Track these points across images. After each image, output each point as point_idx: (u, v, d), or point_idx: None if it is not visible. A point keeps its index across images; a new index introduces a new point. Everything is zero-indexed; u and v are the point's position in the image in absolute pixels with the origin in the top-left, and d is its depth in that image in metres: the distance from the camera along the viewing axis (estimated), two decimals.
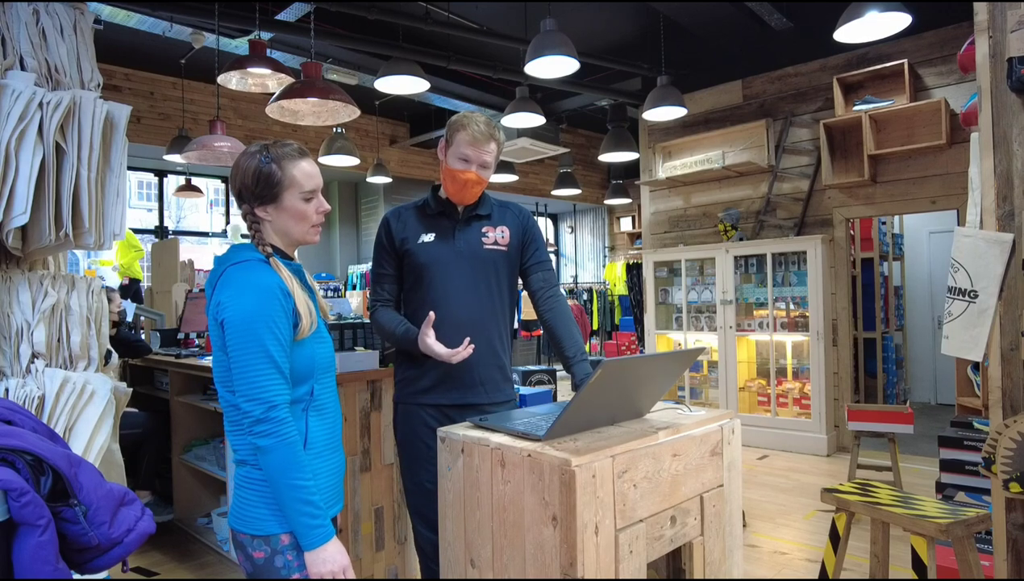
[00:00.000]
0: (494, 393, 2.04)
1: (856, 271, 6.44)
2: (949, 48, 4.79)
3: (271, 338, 1.34)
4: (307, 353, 1.43)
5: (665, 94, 4.79)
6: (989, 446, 1.61)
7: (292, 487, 1.33)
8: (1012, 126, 1.65)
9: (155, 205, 8.05)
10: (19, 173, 1.96)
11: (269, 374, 1.33)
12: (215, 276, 1.44)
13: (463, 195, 2.01)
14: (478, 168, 1.98)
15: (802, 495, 4.19)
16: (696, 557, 1.66)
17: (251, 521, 1.38)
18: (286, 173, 1.44)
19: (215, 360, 1.43)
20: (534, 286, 2.09)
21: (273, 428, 1.32)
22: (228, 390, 1.40)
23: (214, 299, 1.41)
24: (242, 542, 1.40)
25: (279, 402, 1.34)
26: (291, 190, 1.45)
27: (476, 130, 1.98)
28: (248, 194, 1.45)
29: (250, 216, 1.47)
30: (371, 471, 2.53)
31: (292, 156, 1.46)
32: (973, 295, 1.67)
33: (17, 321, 2.08)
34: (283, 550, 1.37)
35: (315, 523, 1.34)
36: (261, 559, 1.38)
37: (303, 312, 1.42)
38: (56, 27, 2.19)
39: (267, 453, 1.32)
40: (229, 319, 1.35)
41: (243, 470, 1.41)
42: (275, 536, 1.37)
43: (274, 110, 3.56)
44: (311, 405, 1.46)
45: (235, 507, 1.42)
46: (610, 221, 11.14)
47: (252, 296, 1.35)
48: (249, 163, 1.44)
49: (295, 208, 1.47)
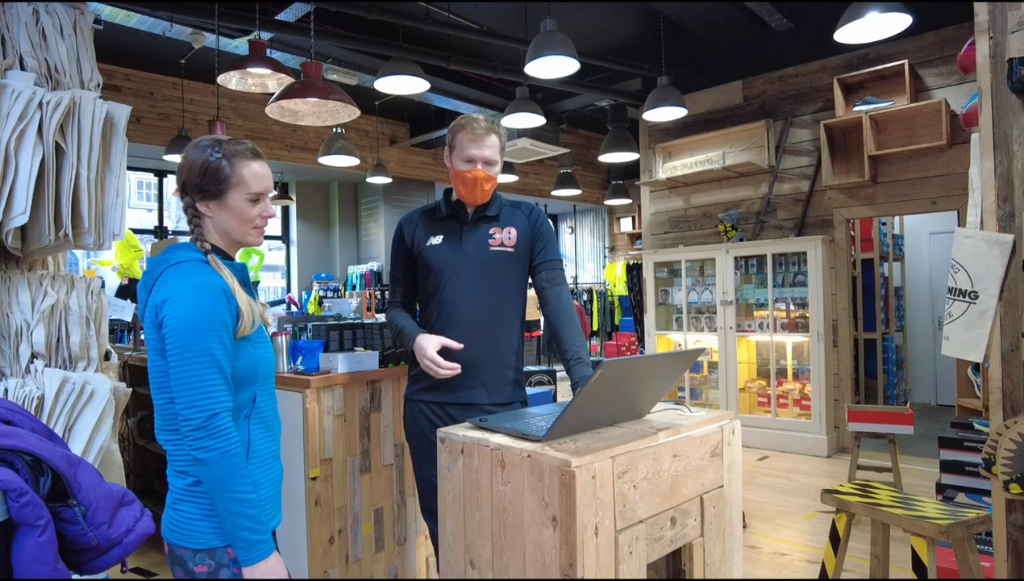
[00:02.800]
0: (496, 394, 2.04)
1: (856, 272, 6.44)
2: (949, 49, 4.79)
3: (215, 342, 1.30)
4: (249, 355, 1.39)
5: (665, 94, 4.79)
6: (989, 447, 1.61)
7: (234, 500, 1.28)
8: (1012, 127, 1.65)
9: (155, 205, 8.05)
10: (19, 173, 1.96)
11: (211, 380, 1.28)
12: (151, 278, 1.38)
13: (474, 195, 2.03)
14: (483, 165, 2.01)
15: (802, 496, 4.18)
16: (696, 558, 1.66)
17: (193, 535, 1.33)
18: (235, 171, 1.40)
19: (151, 364, 1.37)
20: (539, 285, 2.09)
21: (214, 438, 1.27)
22: (165, 397, 1.36)
23: (151, 301, 1.35)
24: (181, 557, 1.34)
25: (220, 410, 1.28)
26: (237, 189, 1.40)
27: (475, 127, 2.01)
28: (192, 187, 1.40)
29: (191, 209, 1.42)
30: (371, 472, 2.53)
31: (244, 155, 1.42)
32: (973, 296, 1.67)
33: (16, 321, 2.08)
34: (229, 563, 1.33)
35: (256, 538, 1.30)
36: (204, 573, 1.33)
37: (244, 310, 1.37)
38: (56, 27, 2.19)
39: (207, 465, 1.26)
40: (170, 322, 1.29)
41: (183, 481, 1.36)
42: (220, 549, 1.33)
43: (274, 110, 3.56)
44: (253, 413, 1.41)
45: (173, 521, 1.36)
46: (610, 221, 11.14)
47: (194, 299, 1.30)
48: (198, 156, 1.39)
49: (239, 208, 1.42)
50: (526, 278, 2.12)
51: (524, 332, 2.16)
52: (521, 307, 2.12)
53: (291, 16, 4.80)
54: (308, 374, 2.40)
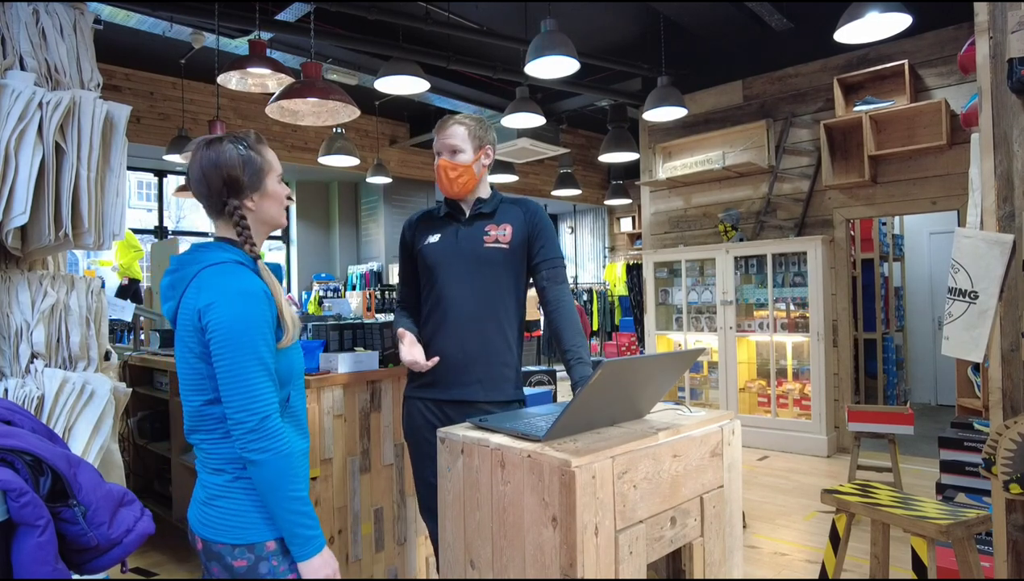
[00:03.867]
0: (492, 392, 2.03)
1: (856, 272, 6.44)
2: (949, 49, 4.79)
3: (262, 344, 1.31)
4: (285, 357, 1.40)
5: (665, 94, 4.79)
6: (989, 447, 1.60)
7: (288, 498, 1.30)
8: (1012, 127, 1.65)
9: (155, 205, 8.05)
10: (19, 173, 1.96)
11: (262, 383, 1.30)
12: (182, 277, 1.38)
13: (445, 186, 2.07)
14: (448, 154, 2.04)
15: (802, 496, 4.18)
16: (696, 558, 1.66)
17: (232, 530, 1.34)
18: (264, 157, 1.43)
19: (186, 366, 1.37)
20: (540, 283, 2.08)
21: (268, 439, 1.28)
22: (202, 398, 1.36)
23: (190, 303, 1.34)
24: (219, 552, 1.35)
25: (271, 411, 1.30)
26: (271, 174, 1.44)
27: (443, 120, 2.08)
28: (237, 187, 1.39)
29: (238, 212, 1.41)
30: (371, 472, 2.53)
31: (259, 140, 1.44)
32: (973, 296, 1.67)
33: (16, 321, 2.08)
34: (268, 556, 1.34)
35: (310, 533, 1.33)
36: (243, 567, 1.34)
37: (287, 321, 1.38)
38: (56, 27, 2.19)
39: (262, 466, 1.28)
40: (218, 326, 1.29)
41: (220, 478, 1.37)
42: (260, 544, 1.34)
43: (274, 110, 3.56)
44: (287, 412, 1.42)
45: (209, 517, 1.37)
46: (610, 221, 11.14)
47: (242, 302, 1.31)
48: (227, 156, 1.38)
49: (275, 191, 1.45)
50: (523, 276, 2.11)
51: (523, 330, 2.15)
52: (518, 305, 2.10)
53: (291, 16, 4.80)
54: (308, 374, 2.40)
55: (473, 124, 2.06)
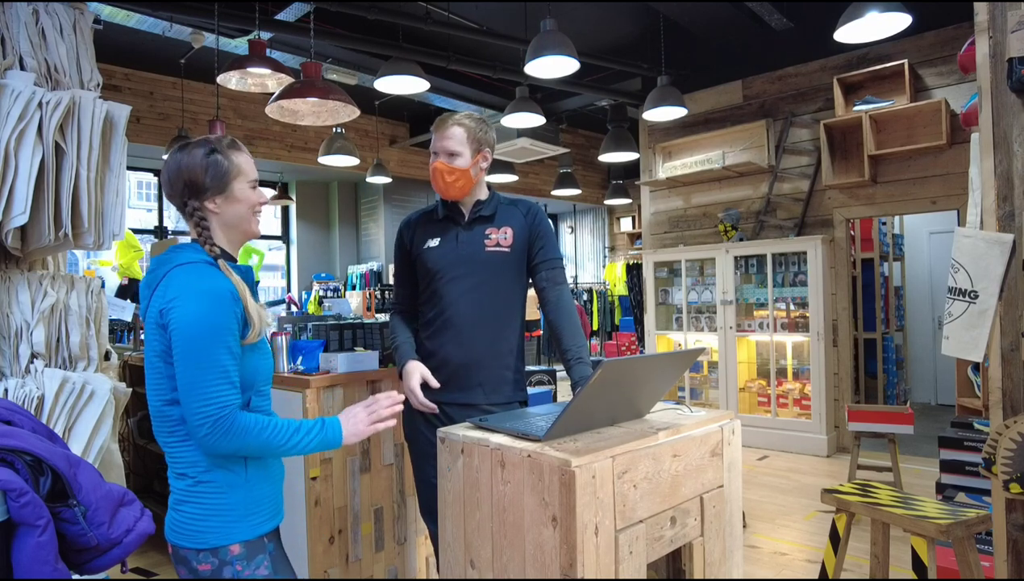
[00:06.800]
0: (493, 395, 2.04)
1: (856, 271, 6.44)
2: (949, 48, 4.79)
3: (224, 349, 1.30)
4: (249, 363, 1.39)
5: (665, 94, 4.79)
6: (989, 447, 1.61)
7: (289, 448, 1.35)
8: (1012, 126, 1.65)
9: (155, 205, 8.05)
10: (18, 173, 1.96)
11: (221, 386, 1.29)
12: (155, 278, 1.38)
13: (441, 188, 2.03)
14: (445, 157, 2.00)
15: (802, 496, 4.18)
16: (696, 558, 1.66)
17: (195, 535, 1.35)
18: (232, 161, 1.43)
19: (149, 366, 1.37)
20: (539, 284, 2.07)
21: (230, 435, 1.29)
22: (161, 399, 1.36)
23: (156, 302, 1.34)
24: (185, 556, 1.36)
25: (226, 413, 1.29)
26: (239, 178, 1.43)
27: (440, 120, 2.04)
28: (196, 189, 1.40)
29: (198, 213, 1.42)
30: (371, 472, 2.53)
31: (232, 146, 1.45)
32: (973, 296, 1.67)
33: (16, 321, 2.08)
34: (232, 560, 1.35)
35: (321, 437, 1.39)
36: (207, 571, 1.35)
37: (253, 318, 1.37)
38: (56, 27, 2.19)
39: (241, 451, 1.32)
40: (177, 326, 1.29)
41: (183, 483, 1.37)
42: (223, 548, 1.35)
43: (274, 110, 3.56)
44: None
45: (176, 521, 1.38)
46: (610, 221, 11.13)
47: (204, 303, 1.30)
48: (192, 159, 1.40)
49: (245, 195, 1.44)
50: (524, 278, 2.10)
51: (524, 332, 2.15)
52: (520, 307, 2.11)
53: (291, 16, 4.80)
54: (308, 374, 2.40)
55: (473, 125, 2.02)
